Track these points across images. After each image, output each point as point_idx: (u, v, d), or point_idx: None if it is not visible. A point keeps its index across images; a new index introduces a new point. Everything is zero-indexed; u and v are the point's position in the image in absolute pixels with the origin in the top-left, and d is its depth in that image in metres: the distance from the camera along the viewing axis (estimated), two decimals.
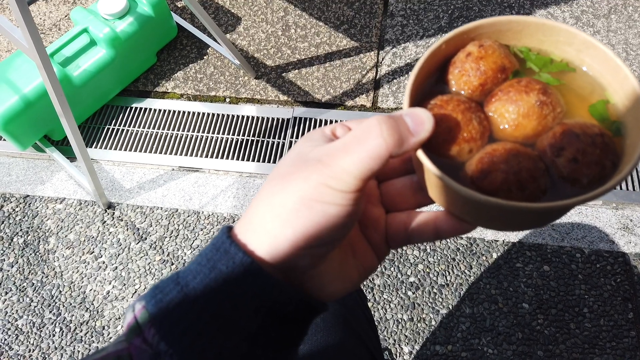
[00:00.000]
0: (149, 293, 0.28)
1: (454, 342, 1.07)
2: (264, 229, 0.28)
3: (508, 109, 0.30)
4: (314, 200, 0.27)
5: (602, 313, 1.08)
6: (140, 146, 1.35)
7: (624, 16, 1.43)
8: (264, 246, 0.28)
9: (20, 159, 1.38)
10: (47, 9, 1.61)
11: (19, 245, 1.24)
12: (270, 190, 0.29)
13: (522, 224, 0.30)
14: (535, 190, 0.28)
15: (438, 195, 0.31)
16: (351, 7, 1.52)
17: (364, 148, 0.27)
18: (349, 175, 0.27)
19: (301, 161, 0.29)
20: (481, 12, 1.48)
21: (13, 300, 1.18)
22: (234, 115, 1.38)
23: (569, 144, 0.28)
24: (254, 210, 0.29)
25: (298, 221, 0.27)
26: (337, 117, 1.34)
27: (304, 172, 0.28)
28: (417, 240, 0.34)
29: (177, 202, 1.27)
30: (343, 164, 0.27)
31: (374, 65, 1.41)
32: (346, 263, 0.33)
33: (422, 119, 0.28)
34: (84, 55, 1.31)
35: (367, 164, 0.27)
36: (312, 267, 0.30)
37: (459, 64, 0.32)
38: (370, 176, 0.27)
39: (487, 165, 0.28)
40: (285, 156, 0.31)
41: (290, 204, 0.27)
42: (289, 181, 0.28)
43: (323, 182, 0.27)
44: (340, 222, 0.28)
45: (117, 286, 1.18)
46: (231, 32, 1.51)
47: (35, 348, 1.12)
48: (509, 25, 0.32)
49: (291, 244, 0.27)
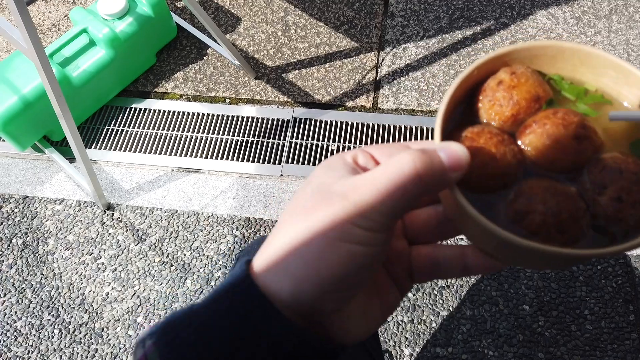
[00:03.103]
0: (160, 328, 0.26)
1: (455, 344, 1.07)
2: (286, 270, 0.26)
3: (544, 143, 0.28)
4: (341, 240, 0.25)
5: (603, 315, 1.07)
6: (140, 147, 1.35)
7: (625, 17, 1.43)
8: (286, 290, 0.26)
9: (19, 160, 1.37)
10: (46, 9, 1.60)
11: (18, 247, 1.24)
12: (293, 227, 0.26)
13: (560, 265, 0.29)
14: (575, 233, 0.26)
15: (471, 234, 0.29)
16: (351, 7, 1.52)
17: (396, 185, 0.25)
18: (379, 214, 0.25)
19: (325, 195, 0.26)
20: (482, 13, 1.47)
21: (12, 302, 1.17)
22: (234, 115, 1.37)
23: (611, 181, 0.26)
24: (274, 247, 0.27)
25: (323, 264, 0.25)
26: (337, 118, 1.34)
27: (329, 209, 0.25)
28: (443, 275, 0.32)
29: (176, 203, 1.26)
30: (373, 201, 0.25)
31: (374, 66, 1.41)
32: (370, 302, 0.31)
33: (458, 155, 0.25)
34: (83, 56, 1.30)
35: (400, 203, 0.25)
36: (337, 310, 0.28)
37: (489, 92, 0.30)
38: (402, 215, 0.25)
39: (524, 205, 0.26)
40: (304, 185, 0.28)
41: (315, 245, 0.25)
42: (312, 218, 0.26)
43: (351, 221, 0.25)
44: (368, 263, 0.26)
45: (116, 287, 1.17)
46: (231, 33, 1.51)
47: (34, 350, 1.12)
48: (543, 50, 0.30)
49: (316, 289, 0.25)
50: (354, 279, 0.26)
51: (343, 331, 0.29)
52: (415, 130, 1.31)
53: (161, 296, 1.15)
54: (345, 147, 1.30)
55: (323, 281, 0.25)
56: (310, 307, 0.26)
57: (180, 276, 1.17)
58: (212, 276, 1.17)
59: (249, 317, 0.25)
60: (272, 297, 0.26)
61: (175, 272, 1.18)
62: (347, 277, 0.26)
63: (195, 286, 1.16)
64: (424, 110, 1.34)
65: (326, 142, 1.31)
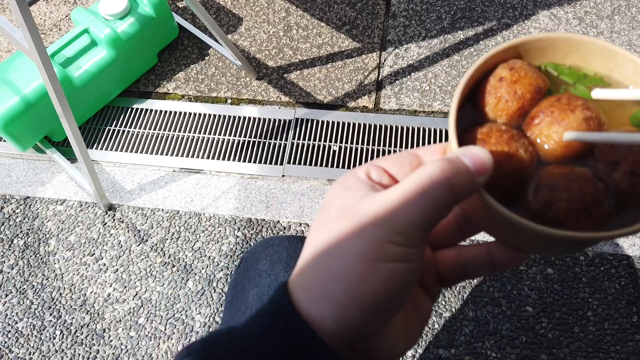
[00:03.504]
0: (200, 348, 0.26)
1: (457, 345, 1.06)
2: (328, 299, 0.25)
3: (555, 130, 0.28)
4: (380, 261, 0.24)
5: (607, 316, 1.07)
6: (141, 147, 1.35)
7: (627, 17, 1.42)
8: (330, 319, 0.25)
9: (20, 160, 1.37)
10: (47, 9, 1.60)
11: (19, 247, 1.24)
12: (325, 254, 0.26)
13: (583, 247, 0.30)
14: (602, 213, 0.26)
15: (498, 231, 0.29)
16: (353, 7, 1.51)
17: (429, 197, 0.24)
18: (414, 228, 0.24)
19: (352, 216, 0.25)
20: (484, 13, 1.47)
21: (13, 303, 1.17)
22: (236, 116, 1.37)
23: (622, 157, 0.27)
24: (311, 273, 0.26)
25: (366, 287, 0.24)
26: (339, 118, 1.34)
27: (363, 231, 0.25)
28: (473, 275, 0.32)
29: (178, 203, 1.26)
30: (407, 217, 0.24)
31: (376, 67, 1.41)
32: (407, 316, 0.31)
33: (481, 159, 0.25)
34: (84, 56, 1.30)
35: (434, 214, 0.25)
36: (380, 332, 0.28)
37: (492, 90, 0.30)
38: (435, 226, 0.25)
39: (548, 195, 0.27)
40: (326, 208, 0.28)
41: (354, 269, 0.24)
42: (345, 242, 0.25)
43: (387, 239, 0.24)
44: (409, 279, 0.26)
45: (117, 289, 1.17)
46: (232, 33, 1.50)
47: (35, 351, 1.12)
48: (535, 44, 0.31)
49: (360, 314, 0.25)
50: (396, 298, 0.26)
51: (385, 352, 0.29)
52: (417, 131, 1.30)
53: (163, 297, 1.15)
54: (347, 148, 1.29)
55: (367, 305, 0.25)
56: (355, 332, 0.25)
57: (182, 277, 1.17)
58: (214, 277, 1.16)
59: (294, 348, 0.25)
60: (315, 326, 0.25)
61: (177, 273, 1.17)
62: (390, 297, 0.25)
63: (197, 287, 1.16)
64: (426, 110, 1.33)
65: (328, 142, 1.31)
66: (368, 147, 1.29)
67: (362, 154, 1.29)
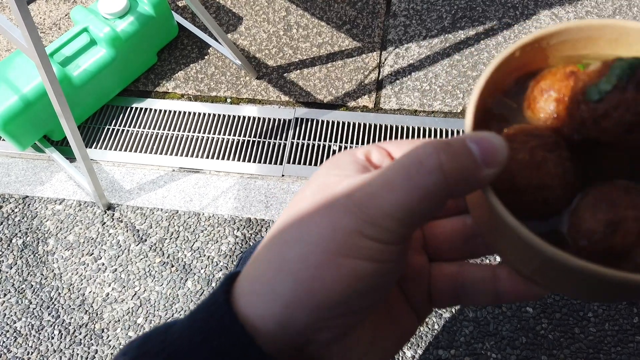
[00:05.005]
0: (136, 347, 0.23)
1: (457, 346, 1.06)
2: (274, 291, 0.21)
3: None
4: (343, 254, 0.20)
5: (607, 317, 1.07)
6: (141, 147, 1.34)
7: (629, 17, 1.42)
8: (272, 318, 0.21)
9: (19, 160, 1.37)
10: (46, 7, 1.60)
11: (17, 247, 1.23)
12: (284, 237, 0.22)
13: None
14: None
15: (507, 252, 0.23)
16: (353, 7, 1.51)
17: (414, 184, 0.19)
18: (393, 220, 0.20)
19: (326, 197, 0.21)
20: (485, 13, 1.46)
21: (12, 302, 1.17)
22: (235, 115, 1.37)
23: None
24: (261, 261, 0.22)
25: (319, 284, 0.20)
26: (339, 118, 1.33)
27: (330, 214, 0.21)
28: (468, 301, 0.26)
29: (177, 203, 1.26)
30: (385, 205, 0.20)
31: (377, 66, 1.40)
32: (380, 329, 0.25)
33: (493, 146, 0.20)
34: (84, 55, 1.30)
35: (419, 207, 0.20)
36: (337, 340, 0.23)
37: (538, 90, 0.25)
38: (421, 223, 0.21)
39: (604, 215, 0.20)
40: (304, 187, 0.23)
41: (310, 260, 0.20)
42: (308, 225, 0.21)
43: (357, 229, 0.20)
44: (377, 283, 0.21)
45: (116, 288, 1.17)
46: (232, 32, 1.50)
47: (33, 351, 1.11)
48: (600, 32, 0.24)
49: (309, 314, 0.21)
50: (358, 303, 0.21)
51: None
52: (417, 131, 1.30)
53: (162, 297, 1.15)
54: (347, 148, 1.29)
55: (319, 305, 0.20)
56: (302, 336, 0.21)
57: (181, 277, 1.17)
58: (213, 277, 1.16)
59: (225, 352, 0.21)
60: (254, 326, 0.21)
61: (176, 273, 1.17)
62: (350, 300, 0.21)
63: (196, 287, 1.15)
64: (426, 110, 1.33)
65: (328, 142, 1.31)
66: None
67: None
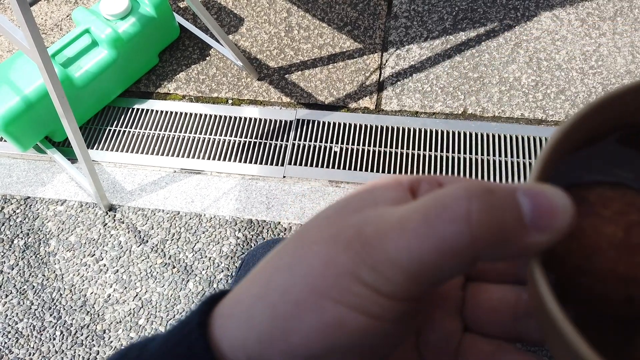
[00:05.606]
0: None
1: None
2: (251, 319, 0.18)
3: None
4: (330, 298, 0.17)
5: None
6: (142, 148, 1.34)
7: (630, 19, 1.42)
8: (242, 348, 0.18)
9: (21, 160, 1.37)
10: (48, 9, 1.60)
11: (19, 248, 1.23)
12: (279, 259, 0.19)
13: None
14: None
15: (554, 349, 0.17)
16: (355, 8, 1.51)
17: (431, 232, 0.16)
18: (396, 269, 0.16)
19: (336, 223, 0.18)
20: (486, 14, 1.46)
21: (13, 303, 1.17)
22: (237, 117, 1.37)
23: None
24: (251, 281, 0.20)
25: (296, 325, 0.17)
26: (340, 119, 1.33)
27: (329, 246, 0.17)
28: None
29: (178, 204, 1.26)
30: (391, 248, 0.16)
31: (378, 67, 1.40)
32: None
33: (552, 205, 0.16)
34: (85, 56, 1.30)
35: (432, 261, 0.16)
36: None
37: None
38: (436, 282, 0.17)
39: None
40: (342, 197, 0.20)
41: (291, 294, 0.17)
42: (304, 253, 0.18)
43: (353, 270, 0.17)
44: (366, 344, 0.17)
45: (118, 289, 1.17)
46: (234, 33, 1.50)
47: (35, 352, 1.12)
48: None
49: (281, 358, 0.18)
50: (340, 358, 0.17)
51: None
52: (418, 132, 1.30)
53: (163, 298, 1.15)
54: (349, 149, 1.29)
55: (293, 352, 0.17)
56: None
57: (183, 278, 1.17)
58: (215, 278, 1.16)
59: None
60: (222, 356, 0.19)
61: (178, 274, 1.17)
62: (329, 356, 0.17)
63: (198, 288, 1.15)
64: (427, 112, 1.33)
65: (329, 143, 1.31)
66: (369, 149, 1.29)
67: (364, 155, 1.28)
